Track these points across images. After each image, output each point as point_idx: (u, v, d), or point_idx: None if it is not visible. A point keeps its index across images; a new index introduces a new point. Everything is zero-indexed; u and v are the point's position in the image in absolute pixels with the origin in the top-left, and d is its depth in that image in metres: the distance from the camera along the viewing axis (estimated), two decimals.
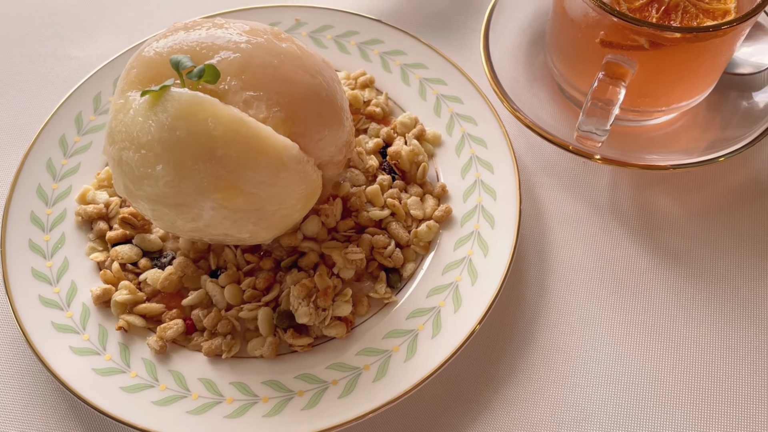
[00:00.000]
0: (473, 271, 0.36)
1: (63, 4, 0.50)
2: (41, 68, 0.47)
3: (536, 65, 0.45)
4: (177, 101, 0.29)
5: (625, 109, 0.41)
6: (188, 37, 0.32)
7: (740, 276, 0.38)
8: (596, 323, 0.36)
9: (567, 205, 0.40)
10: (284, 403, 0.33)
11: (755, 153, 0.42)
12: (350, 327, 0.35)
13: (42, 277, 0.36)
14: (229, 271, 0.36)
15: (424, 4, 0.49)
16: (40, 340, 0.34)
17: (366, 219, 0.37)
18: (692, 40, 0.35)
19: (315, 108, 0.32)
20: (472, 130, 0.41)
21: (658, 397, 0.34)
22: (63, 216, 0.39)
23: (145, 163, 0.30)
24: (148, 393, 0.33)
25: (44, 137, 0.41)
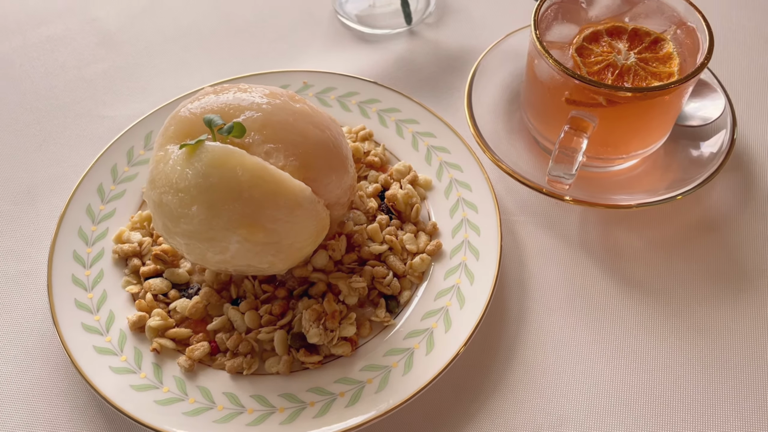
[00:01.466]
0: (461, 297, 0.41)
1: (97, 72, 0.56)
2: (78, 126, 0.53)
3: (513, 120, 0.51)
4: (210, 152, 0.35)
5: (591, 156, 0.47)
6: (217, 100, 0.38)
7: (694, 300, 0.43)
8: (569, 342, 0.42)
9: (542, 240, 0.46)
10: (298, 413, 0.38)
11: (707, 192, 0.48)
12: (355, 346, 0.40)
13: (84, 307, 0.42)
14: (248, 300, 0.41)
15: (415, 69, 0.56)
16: (84, 362, 0.39)
17: (367, 253, 0.43)
18: (642, 98, 0.42)
19: (324, 157, 0.38)
20: (459, 176, 0.47)
21: (624, 403, 0.39)
22: (101, 254, 0.44)
23: (182, 205, 0.35)
24: (179, 405, 0.38)
25: (84, 186, 0.46)
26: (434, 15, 0.60)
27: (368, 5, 0.59)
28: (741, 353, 0.41)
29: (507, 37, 0.53)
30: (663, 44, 0.44)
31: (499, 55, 0.53)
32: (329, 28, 0.59)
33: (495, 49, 0.53)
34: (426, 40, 0.58)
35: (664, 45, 0.44)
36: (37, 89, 0.55)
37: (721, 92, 0.50)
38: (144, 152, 0.48)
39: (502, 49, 0.53)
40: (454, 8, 0.60)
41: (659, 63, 0.44)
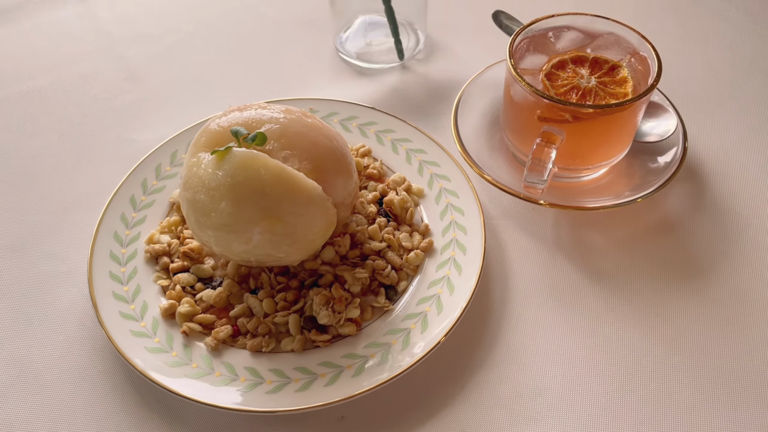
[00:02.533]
0: (451, 286, 0.47)
1: (124, 103, 0.63)
2: (108, 149, 0.59)
3: (494, 140, 0.58)
4: (238, 156, 0.42)
5: (562, 168, 0.54)
6: (242, 115, 0.45)
7: (652, 288, 0.49)
8: (545, 324, 0.48)
9: (520, 240, 0.52)
10: (310, 382, 0.43)
11: (663, 198, 0.55)
12: (359, 327, 0.46)
13: (121, 298, 0.47)
14: (265, 289, 0.47)
15: (407, 97, 0.63)
16: (123, 344, 0.45)
17: (368, 249, 0.49)
18: (602, 113, 0.49)
19: (332, 162, 0.45)
20: (447, 185, 0.53)
21: (592, 374, 0.45)
22: (134, 254, 0.50)
23: (213, 201, 0.42)
24: (207, 378, 0.44)
25: (118, 197, 0.53)
26: (423, 52, 0.67)
27: (365, 44, 0.67)
28: (692, 332, 0.47)
29: (485, 70, 0.61)
30: (619, 70, 0.52)
31: (480, 85, 0.61)
32: (331, 64, 0.66)
33: (476, 80, 0.61)
34: (416, 73, 0.65)
35: (620, 71, 0.52)
36: (71, 117, 0.62)
37: (674, 112, 0.57)
38: (170, 168, 0.55)
39: (481, 80, 0.61)
40: (441, 46, 0.68)
41: (616, 85, 0.51)
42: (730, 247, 0.52)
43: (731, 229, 0.53)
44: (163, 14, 0.72)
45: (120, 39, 0.69)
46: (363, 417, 0.44)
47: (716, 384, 0.44)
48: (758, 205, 0.54)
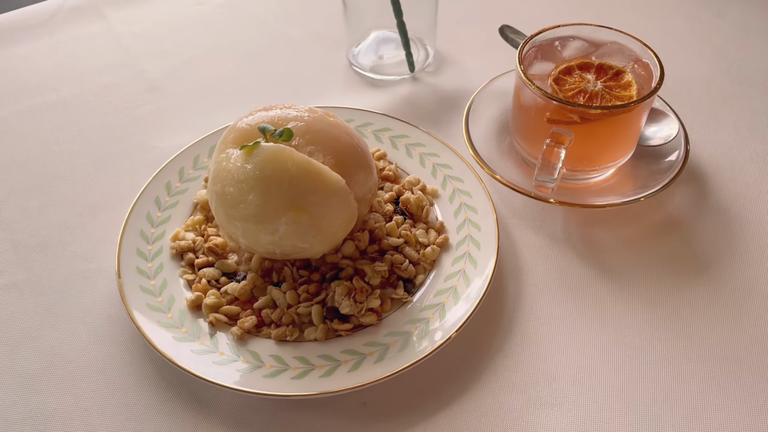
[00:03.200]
0: (467, 279, 0.49)
1: (146, 112, 0.66)
2: (132, 155, 0.62)
3: (503, 145, 0.60)
4: (266, 150, 0.44)
5: (570, 170, 0.57)
6: (267, 114, 0.47)
7: (657, 281, 0.51)
8: (557, 314, 0.49)
9: (532, 238, 0.54)
10: (334, 369, 0.45)
11: (667, 198, 0.57)
12: (379, 317, 0.48)
13: (148, 291, 0.49)
14: (288, 282, 0.49)
15: (419, 107, 0.66)
16: (152, 334, 0.46)
17: (387, 245, 0.51)
18: (608, 114, 0.51)
19: (353, 158, 0.47)
20: (460, 186, 0.56)
21: (603, 360, 0.47)
22: (160, 251, 0.52)
23: (241, 193, 0.44)
24: (233, 365, 0.45)
25: (143, 198, 0.55)
26: (433, 64, 0.70)
27: (378, 57, 0.69)
28: (696, 322, 0.49)
29: (493, 81, 0.64)
30: (623, 75, 0.55)
31: (489, 94, 0.63)
32: (345, 76, 0.69)
33: (484, 90, 0.63)
34: (427, 84, 0.68)
35: (624, 76, 0.55)
36: (95, 125, 0.64)
37: (675, 118, 0.60)
38: (193, 171, 0.57)
39: (490, 89, 0.63)
40: (450, 59, 0.71)
41: (621, 89, 0.54)
42: (732, 244, 0.54)
43: (732, 227, 0.55)
44: (181, 30, 0.75)
45: (140, 53, 0.72)
46: (385, 402, 0.45)
47: (722, 369, 0.46)
48: (758, 206, 0.57)
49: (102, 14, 0.76)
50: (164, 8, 0.78)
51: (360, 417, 0.45)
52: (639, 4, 0.78)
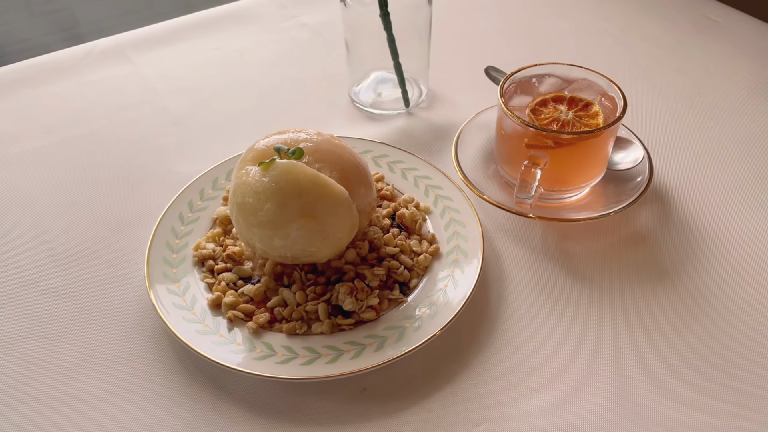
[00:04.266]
0: (455, 282, 0.56)
1: (169, 143, 0.73)
2: (156, 179, 0.69)
3: (489, 170, 0.68)
4: (281, 165, 0.51)
5: (548, 190, 0.64)
6: (281, 137, 0.55)
7: (625, 286, 0.58)
8: (535, 315, 0.56)
9: (513, 249, 0.61)
10: (338, 356, 0.51)
11: (634, 215, 0.64)
12: (378, 314, 0.54)
13: (174, 293, 0.55)
14: (297, 284, 0.55)
15: (413, 137, 0.73)
16: (177, 328, 0.52)
17: (384, 253, 0.58)
18: (578, 139, 0.59)
19: (355, 174, 0.54)
20: (450, 204, 0.63)
21: (575, 353, 0.53)
22: (184, 259, 0.58)
23: (259, 202, 0.51)
24: (249, 354, 0.51)
25: (169, 214, 0.61)
26: (426, 101, 0.78)
27: (376, 95, 0.78)
28: (659, 321, 0.55)
29: (479, 114, 0.71)
30: (592, 106, 0.63)
31: (475, 126, 0.71)
32: (348, 111, 0.77)
33: (471, 122, 0.71)
34: (420, 118, 0.76)
35: (592, 107, 0.62)
36: (123, 154, 0.72)
37: (641, 146, 0.67)
38: (212, 192, 0.64)
39: (476, 122, 0.71)
40: (441, 96, 0.79)
41: (589, 118, 0.61)
42: (690, 255, 0.60)
43: (691, 241, 0.62)
44: (199, 71, 0.83)
45: (163, 92, 0.80)
46: (382, 388, 0.51)
47: (679, 361, 0.52)
48: (713, 222, 0.63)
49: (128, 58, 0.85)
50: (184, 52, 0.86)
51: (360, 401, 0.51)
52: (610, 50, 0.87)
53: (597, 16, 0.94)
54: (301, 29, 0.90)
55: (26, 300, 0.57)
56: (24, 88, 0.80)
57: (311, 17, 0.93)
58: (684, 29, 0.90)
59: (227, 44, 0.88)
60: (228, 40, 0.88)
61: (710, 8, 0.94)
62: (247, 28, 0.90)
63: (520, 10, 0.95)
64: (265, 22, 0.91)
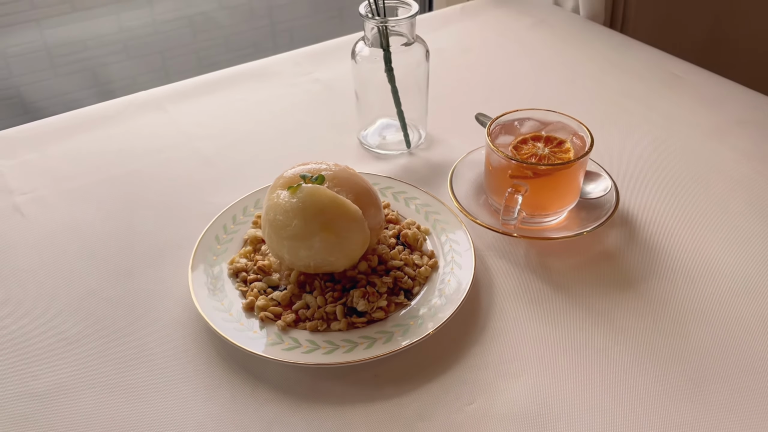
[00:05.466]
0: (451, 289, 0.66)
1: (201, 179, 0.84)
2: (192, 209, 0.79)
3: (480, 200, 0.79)
4: (306, 189, 0.62)
5: (530, 215, 0.74)
6: (305, 167, 0.66)
7: (598, 295, 0.68)
8: (520, 317, 0.66)
9: (500, 263, 0.72)
10: (353, 347, 0.61)
11: (604, 235, 0.75)
12: (387, 314, 0.64)
13: (213, 298, 0.65)
14: (317, 290, 0.66)
15: (414, 172, 0.85)
16: (219, 326, 0.62)
17: (391, 265, 0.68)
18: (553, 170, 0.70)
19: (367, 197, 0.65)
20: (446, 226, 0.73)
21: (552, 349, 0.63)
22: (220, 272, 0.69)
23: (288, 219, 0.62)
24: (279, 346, 0.61)
25: (207, 235, 0.72)
26: (425, 143, 0.90)
27: (382, 138, 0.89)
28: (626, 323, 0.65)
29: (469, 154, 0.83)
30: (564, 144, 0.74)
31: (467, 163, 0.82)
32: (356, 152, 0.88)
33: (464, 160, 0.82)
34: (420, 157, 0.88)
35: (565, 144, 0.74)
36: (162, 188, 0.83)
37: (609, 178, 0.79)
38: (243, 217, 0.75)
39: (468, 160, 0.82)
40: (437, 139, 0.91)
41: (562, 153, 0.73)
42: (651, 269, 0.71)
43: (652, 257, 0.72)
44: (227, 118, 0.95)
45: (195, 136, 0.92)
46: (391, 375, 0.61)
47: (642, 356, 0.62)
48: (670, 242, 0.74)
49: (164, 108, 0.97)
50: (213, 103, 0.98)
51: (373, 385, 0.60)
52: (585, 99, 0.99)
53: (573, 71, 1.07)
54: (314, 83, 1.03)
55: (88, 307, 0.67)
56: (76, 134, 0.92)
57: (322, 74, 1.05)
58: (650, 82, 1.03)
59: (249, 96, 1.00)
60: (250, 93, 1.01)
61: (674, 64, 1.08)
62: (266, 83, 1.03)
63: (505, 66, 1.09)
64: (282, 78, 1.04)
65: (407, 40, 0.82)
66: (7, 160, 0.87)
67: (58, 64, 2.10)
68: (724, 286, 0.69)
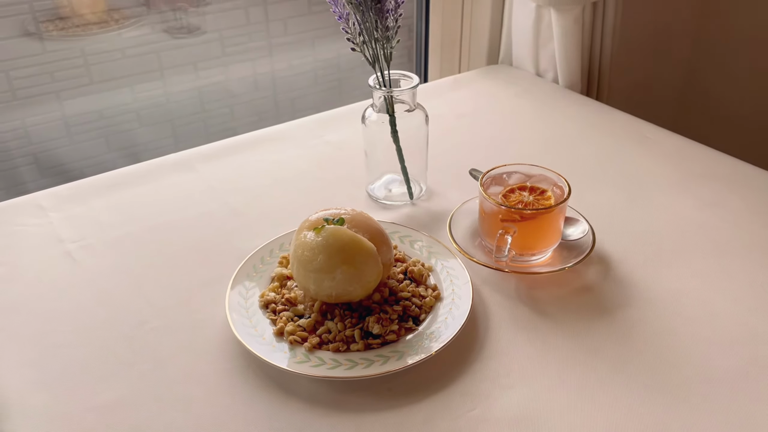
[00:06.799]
0: (452, 316, 0.77)
1: (233, 228, 0.96)
2: (224, 254, 0.90)
3: (475, 242, 0.90)
4: (329, 229, 0.73)
5: (519, 254, 0.86)
6: (327, 212, 0.78)
7: (578, 320, 0.79)
8: (512, 340, 0.76)
9: (494, 295, 0.83)
10: (370, 364, 0.71)
11: (583, 271, 0.86)
12: (398, 337, 0.75)
13: (248, 326, 0.76)
14: (338, 317, 0.76)
15: (416, 220, 0.97)
16: (255, 348, 0.73)
17: (400, 296, 0.79)
18: (536, 214, 0.82)
19: (380, 237, 0.77)
20: (446, 264, 0.85)
21: (540, 365, 0.73)
22: (253, 304, 0.79)
23: (314, 255, 0.73)
24: (306, 363, 0.71)
25: (239, 274, 0.83)
26: (425, 195, 1.02)
27: (387, 191, 1.02)
28: (599, 341, 0.76)
29: (464, 203, 0.95)
30: (546, 193, 0.87)
31: (463, 212, 0.94)
32: (365, 202, 1.01)
33: (459, 209, 0.94)
34: (422, 207, 1.00)
35: (547, 193, 0.87)
36: (196, 235, 0.94)
37: (586, 222, 0.91)
38: (270, 258, 0.86)
39: (463, 208, 0.95)
40: (436, 191, 1.03)
41: (544, 200, 0.85)
42: (624, 298, 0.82)
43: (624, 289, 0.84)
44: (251, 175, 1.07)
45: (224, 191, 1.04)
46: (402, 388, 0.71)
47: (616, 370, 0.73)
48: (639, 276, 0.85)
49: (194, 167, 1.10)
50: (237, 162, 1.11)
51: (387, 396, 0.70)
52: (565, 156, 1.13)
53: (554, 132, 1.21)
54: (325, 145, 1.16)
55: (138, 336, 0.78)
56: (117, 190, 1.04)
57: (332, 137, 1.19)
58: (622, 142, 1.17)
59: (269, 157, 1.13)
60: (269, 154, 1.14)
61: (643, 126, 1.22)
62: (284, 145, 1.16)
63: (494, 128, 1.23)
64: (297, 141, 1.17)
65: (409, 106, 0.96)
66: (57, 213, 0.99)
67: (74, 132, 2.25)
68: (685, 310, 0.80)
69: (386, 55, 0.90)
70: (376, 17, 0.86)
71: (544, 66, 1.41)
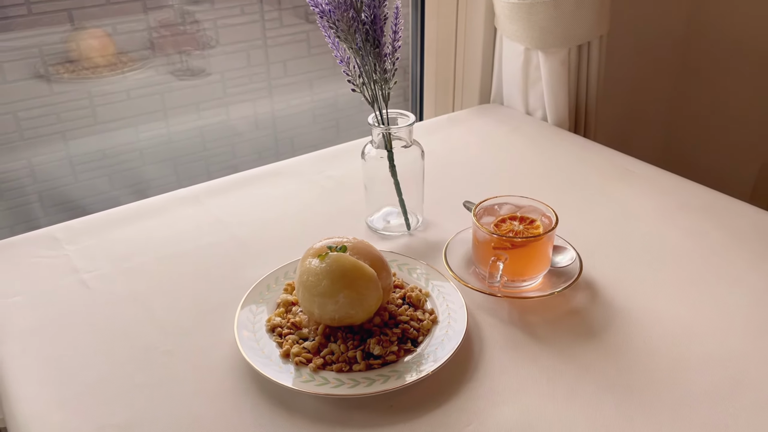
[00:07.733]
0: (448, 338, 0.82)
1: (238, 256, 1.01)
2: (231, 281, 0.95)
3: (469, 269, 0.96)
4: (333, 256, 0.79)
5: (511, 280, 0.91)
6: (330, 240, 0.83)
7: (565, 342, 0.84)
8: (505, 359, 0.81)
9: (488, 318, 0.88)
10: (372, 382, 0.75)
11: (571, 296, 0.91)
12: (398, 357, 0.79)
13: (255, 348, 0.80)
14: (340, 339, 0.81)
15: (414, 249, 1.02)
16: (263, 369, 0.77)
17: (399, 320, 0.84)
18: (526, 242, 0.88)
19: (380, 263, 0.82)
20: (443, 290, 0.90)
21: (531, 378, 0.78)
22: (260, 328, 0.84)
23: (318, 280, 0.78)
24: (311, 383, 0.75)
25: (247, 300, 0.88)
26: (422, 226, 1.08)
27: (386, 222, 1.07)
28: (586, 361, 0.81)
29: (458, 233, 1.00)
30: (535, 222, 0.92)
31: (457, 241, 1.00)
32: (365, 233, 1.06)
33: (454, 239, 1.00)
34: (418, 237, 1.05)
35: (536, 222, 0.92)
36: (205, 264, 0.99)
37: (573, 250, 0.96)
38: (275, 286, 0.91)
39: (458, 238, 1.00)
40: (432, 222, 1.09)
41: (533, 229, 0.91)
42: (609, 321, 0.87)
43: (609, 311, 0.89)
44: (255, 209, 1.13)
45: (230, 223, 1.09)
46: (402, 405, 0.75)
47: (601, 385, 0.77)
48: (624, 300, 0.91)
49: (201, 201, 1.15)
50: (243, 196, 1.17)
51: (388, 413, 0.74)
52: (553, 189, 1.19)
53: (543, 166, 1.27)
54: (327, 180, 1.22)
55: (150, 358, 0.82)
56: (128, 224, 1.09)
57: (333, 172, 1.25)
58: (607, 175, 1.23)
59: (273, 192, 1.19)
60: (273, 189, 1.19)
61: (627, 161, 1.28)
62: (287, 180, 1.22)
63: (486, 163, 1.29)
64: (300, 176, 1.23)
65: (406, 143, 1.02)
66: (72, 246, 1.04)
67: (78, 171, 2.31)
68: (669, 332, 0.85)
69: (384, 95, 0.97)
70: (375, 61, 0.92)
71: (534, 105, 1.48)
